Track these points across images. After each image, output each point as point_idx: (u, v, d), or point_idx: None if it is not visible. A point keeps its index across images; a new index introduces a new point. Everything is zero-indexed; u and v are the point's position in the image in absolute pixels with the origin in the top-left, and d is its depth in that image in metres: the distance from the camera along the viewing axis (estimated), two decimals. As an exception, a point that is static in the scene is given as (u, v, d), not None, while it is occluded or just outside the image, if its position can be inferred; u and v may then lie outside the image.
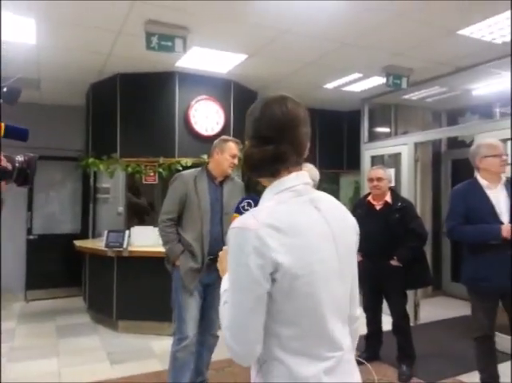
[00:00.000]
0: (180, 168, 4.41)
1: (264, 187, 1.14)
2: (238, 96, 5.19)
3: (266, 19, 3.34)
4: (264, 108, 1.11)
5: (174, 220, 2.84)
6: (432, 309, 5.30)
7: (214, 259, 2.78)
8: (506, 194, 2.86)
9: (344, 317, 1.11)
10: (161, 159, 4.69)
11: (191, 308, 2.78)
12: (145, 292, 4.37)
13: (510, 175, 3.08)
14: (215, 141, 2.94)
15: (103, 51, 4.11)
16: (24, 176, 1.31)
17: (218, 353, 3.57)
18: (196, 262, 2.77)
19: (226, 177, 2.93)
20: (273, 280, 0.98)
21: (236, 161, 2.85)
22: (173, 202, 2.84)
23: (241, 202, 1.30)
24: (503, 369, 3.08)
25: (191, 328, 2.77)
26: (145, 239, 4.50)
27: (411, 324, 3.81)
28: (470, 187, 2.98)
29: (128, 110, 4.86)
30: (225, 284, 1.11)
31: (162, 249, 2.97)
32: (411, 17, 3.29)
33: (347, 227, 1.15)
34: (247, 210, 1.25)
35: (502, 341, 3.18)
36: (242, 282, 0.99)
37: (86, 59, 4.33)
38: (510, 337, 3.11)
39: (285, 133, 1.08)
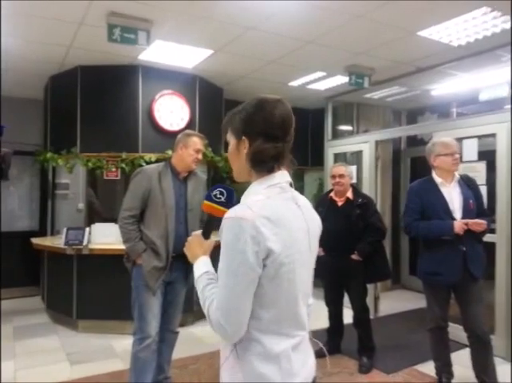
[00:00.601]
0: (144, 164, 4.33)
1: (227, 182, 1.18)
2: (203, 92, 5.15)
3: (232, 15, 3.33)
4: (267, 107, 1.17)
5: (136, 217, 2.75)
6: (391, 302, 5.48)
7: (177, 257, 2.75)
8: (459, 191, 2.97)
9: (306, 303, 1.25)
10: (123, 155, 4.58)
11: (153, 307, 2.72)
12: (106, 290, 4.28)
13: (464, 173, 3.24)
14: (179, 136, 2.87)
15: (63, 43, 3.97)
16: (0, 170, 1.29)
17: (183, 351, 3.57)
18: (160, 261, 2.71)
19: (190, 172, 2.88)
20: (264, 266, 1.10)
21: (200, 156, 2.81)
22: (135, 198, 2.74)
23: (212, 190, 1.33)
24: (456, 357, 3.24)
25: (153, 327, 2.72)
26: (106, 237, 4.39)
27: (371, 317, 3.93)
28: (425, 185, 3.09)
29: (89, 103, 4.72)
30: (201, 268, 1.24)
31: (124, 246, 2.90)
32: (372, 17, 3.37)
33: (316, 224, 1.29)
34: (219, 198, 1.31)
35: (454, 330, 3.33)
36: (237, 268, 1.08)
37: (45, 51, 4.17)
38: (462, 327, 3.26)
39: (288, 133, 1.20)
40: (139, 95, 4.71)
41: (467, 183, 3.01)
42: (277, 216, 1.11)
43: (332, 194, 3.72)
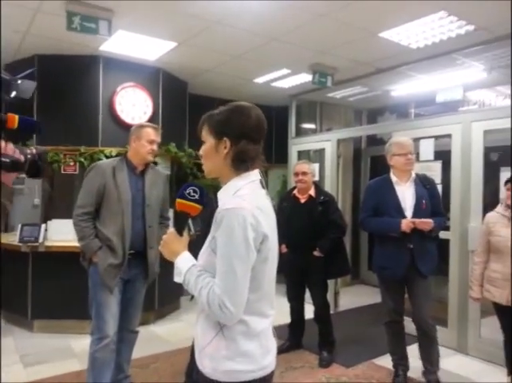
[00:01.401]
0: (104, 158, 4.20)
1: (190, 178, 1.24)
2: (167, 85, 5.06)
3: (197, 8, 3.29)
4: (248, 112, 1.33)
5: (90, 214, 2.65)
6: (351, 297, 5.61)
7: (135, 254, 2.71)
8: (413, 190, 3.07)
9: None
10: (82, 148, 4.44)
11: (111, 306, 2.64)
12: (63, 289, 4.13)
13: (422, 173, 3.36)
14: (132, 128, 2.79)
15: (19, 29, 3.78)
16: (36, 168, 1.34)
17: (144, 350, 3.51)
18: (116, 258, 2.63)
19: (147, 166, 2.80)
20: (259, 250, 1.25)
21: (155, 147, 2.73)
22: (89, 194, 2.65)
23: (185, 188, 1.37)
24: (412, 350, 3.37)
25: (111, 326, 2.64)
26: (64, 234, 4.22)
27: (332, 312, 4.01)
28: (381, 183, 3.19)
29: (46, 94, 4.51)
30: (187, 262, 1.32)
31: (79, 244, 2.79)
32: (335, 17, 3.42)
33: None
34: (193, 196, 1.36)
35: (411, 324, 3.46)
36: (241, 253, 1.21)
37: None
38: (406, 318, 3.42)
39: (263, 135, 1.36)
40: (99, 87, 4.57)
41: (424, 183, 3.10)
42: (264, 207, 1.30)
43: (295, 191, 3.75)
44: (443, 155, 4.15)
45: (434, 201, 3.09)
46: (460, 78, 4.61)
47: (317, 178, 5.29)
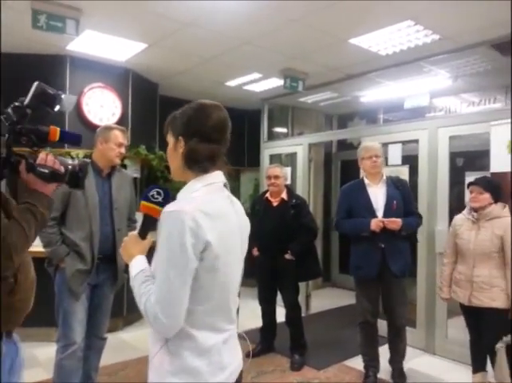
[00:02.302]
0: (70, 161, 4.07)
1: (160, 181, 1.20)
2: (137, 87, 4.98)
3: (168, 9, 3.25)
4: (209, 111, 1.27)
5: (55, 219, 2.55)
6: (322, 300, 5.66)
7: (104, 259, 2.64)
8: (384, 191, 3.18)
9: (235, 298, 1.31)
10: (48, 150, 4.28)
11: (78, 312, 2.57)
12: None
13: (396, 175, 3.47)
14: (98, 129, 2.73)
15: (-21, 25, 3.62)
16: (76, 179, 1.40)
17: (112, 357, 3.42)
18: (84, 264, 2.56)
19: (114, 169, 2.74)
20: (201, 259, 1.14)
21: (123, 150, 2.68)
22: (54, 199, 2.57)
23: (149, 191, 1.34)
24: (383, 352, 3.43)
25: (79, 333, 2.57)
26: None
27: (303, 314, 4.03)
28: (355, 186, 3.31)
29: (10, 93, 4.34)
30: (137, 266, 1.25)
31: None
32: (306, 23, 3.46)
33: (246, 224, 1.37)
34: (157, 198, 1.32)
35: (384, 326, 3.54)
36: (176, 259, 1.12)
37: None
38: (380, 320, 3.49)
39: (223, 136, 1.28)
40: (66, 87, 4.44)
41: (396, 184, 3.21)
42: (214, 211, 1.19)
43: (267, 194, 3.76)
44: (411, 160, 4.26)
45: (406, 202, 3.19)
46: (427, 85, 4.75)
47: (288, 181, 5.32)
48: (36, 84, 1.36)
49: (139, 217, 3.16)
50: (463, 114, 4.70)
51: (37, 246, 3.84)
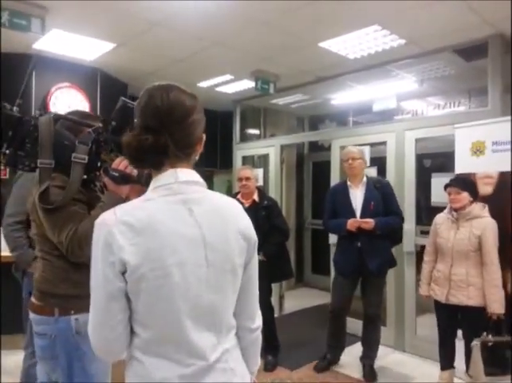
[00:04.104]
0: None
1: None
2: (105, 87, 4.88)
3: (136, 8, 3.20)
4: (146, 96, 1.04)
5: (22, 223, 2.49)
6: (295, 300, 5.69)
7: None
8: (363, 192, 3.35)
9: (217, 328, 1.06)
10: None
11: None
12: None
13: (377, 176, 3.60)
14: None
15: None
16: (149, 181, 1.39)
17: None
18: None
19: None
20: (125, 280, 0.97)
21: None
22: (20, 202, 2.46)
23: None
24: (354, 349, 3.49)
25: None
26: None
27: (276, 315, 4.04)
28: (339, 187, 3.54)
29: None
30: None
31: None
32: (275, 25, 3.48)
33: (227, 233, 1.07)
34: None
35: (353, 325, 3.63)
36: (96, 279, 0.99)
37: None
38: (360, 321, 3.58)
39: (166, 123, 1.01)
40: (32, 87, 4.31)
41: (376, 186, 3.37)
42: (144, 222, 0.97)
43: (239, 196, 3.76)
44: (379, 162, 4.35)
45: (386, 202, 3.34)
46: (394, 88, 4.86)
47: (261, 183, 5.34)
48: (120, 99, 1.56)
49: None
50: (429, 117, 4.83)
51: (4, 251, 3.75)
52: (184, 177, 1.04)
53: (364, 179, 3.40)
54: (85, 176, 1.57)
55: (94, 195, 1.67)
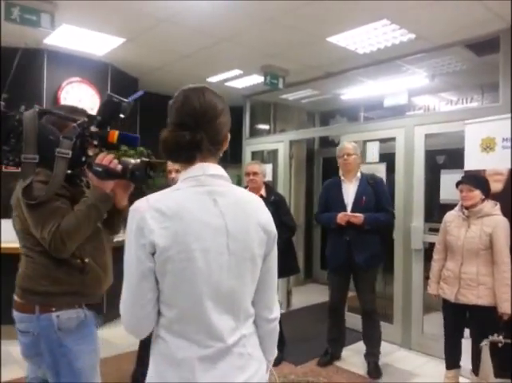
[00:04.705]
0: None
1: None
2: (116, 82, 4.93)
3: (144, 4, 3.22)
4: (183, 96, 1.14)
5: None
6: (303, 296, 5.70)
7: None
8: (355, 187, 3.39)
9: (236, 313, 1.13)
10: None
11: None
12: (3, 292, 3.91)
13: (371, 172, 3.59)
14: None
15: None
16: (134, 177, 1.57)
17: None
18: None
19: None
20: (155, 261, 1.06)
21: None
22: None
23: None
24: (358, 347, 3.48)
25: None
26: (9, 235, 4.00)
27: (284, 311, 4.06)
28: (333, 182, 3.58)
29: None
30: None
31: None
32: (283, 21, 3.47)
33: (248, 224, 1.14)
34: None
35: (356, 321, 3.62)
36: (130, 259, 1.08)
37: None
38: (359, 316, 3.59)
39: (201, 122, 1.11)
40: (43, 81, 4.38)
41: (370, 182, 3.40)
42: (173, 209, 1.06)
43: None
44: (389, 158, 4.31)
45: (378, 198, 3.37)
46: (405, 84, 4.80)
47: (270, 178, 5.35)
48: (107, 94, 1.58)
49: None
50: (439, 113, 4.76)
51: (10, 242, 3.82)
52: (211, 171, 1.13)
53: (358, 174, 3.46)
54: (70, 171, 1.55)
55: (79, 191, 1.66)
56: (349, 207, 3.37)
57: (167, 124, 1.16)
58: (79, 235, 1.55)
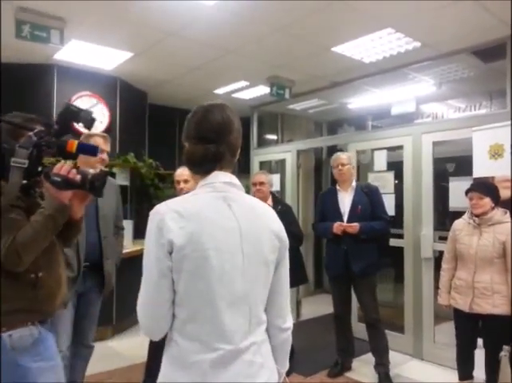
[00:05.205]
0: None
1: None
2: (125, 96, 5.01)
3: (150, 19, 3.29)
4: (204, 111, 1.22)
5: None
6: (313, 307, 5.64)
7: (90, 266, 2.64)
8: (351, 197, 3.44)
9: (249, 317, 1.15)
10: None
11: (64, 320, 2.55)
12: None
13: (366, 182, 3.61)
14: (80, 138, 2.77)
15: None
16: (93, 187, 1.55)
17: (99, 366, 3.40)
18: (71, 271, 2.54)
19: None
20: (172, 260, 1.09)
21: (105, 156, 2.70)
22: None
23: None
24: (369, 357, 3.43)
25: (64, 341, 2.55)
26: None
27: (294, 321, 4.00)
28: (328, 192, 3.67)
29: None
30: None
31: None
32: (288, 32, 3.50)
33: (260, 229, 1.19)
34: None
35: (363, 330, 3.59)
36: (149, 259, 1.12)
37: None
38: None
39: (223, 136, 1.20)
40: (53, 96, 4.46)
41: (364, 191, 3.44)
42: (190, 211, 1.12)
43: (253, 201, 3.78)
44: (397, 166, 4.29)
45: (374, 207, 3.41)
46: (413, 92, 4.80)
47: (277, 188, 5.35)
48: (65, 102, 1.55)
49: (125, 224, 3.19)
50: (447, 120, 4.73)
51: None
52: (226, 179, 1.20)
53: (354, 184, 3.50)
54: (25, 181, 1.49)
55: (34, 202, 1.60)
56: (345, 216, 3.40)
57: (185, 138, 1.24)
58: (35, 248, 1.51)
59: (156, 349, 1.25)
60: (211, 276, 1.09)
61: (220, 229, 1.13)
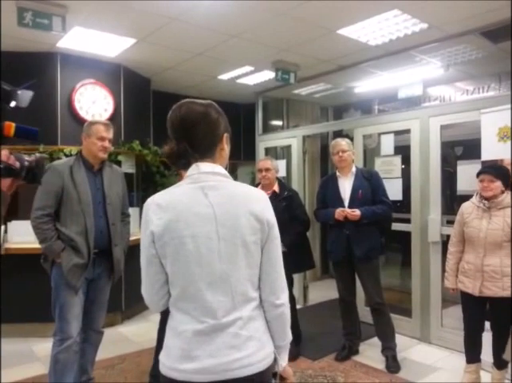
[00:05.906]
0: (63, 157, 4.09)
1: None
2: (128, 82, 4.98)
3: (153, 4, 3.24)
4: (171, 111, 1.30)
5: (50, 215, 2.58)
6: (320, 292, 5.66)
7: (99, 253, 2.68)
8: (352, 182, 3.45)
9: (231, 295, 1.23)
10: (41, 147, 4.30)
11: (75, 306, 2.61)
12: (25, 292, 4.01)
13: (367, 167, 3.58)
14: (84, 125, 2.76)
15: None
16: (32, 175, 1.39)
17: (109, 351, 3.46)
18: (81, 258, 2.59)
19: (103, 164, 2.77)
20: (155, 247, 1.25)
21: (107, 144, 2.69)
22: (48, 196, 2.58)
23: None
24: (376, 341, 3.45)
25: (74, 327, 2.61)
26: (24, 235, 4.10)
27: (301, 306, 4.05)
28: (329, 178, 3.67)
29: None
30: None
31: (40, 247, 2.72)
32: (293, 15, 3.44)
33: (237, 213, 1.24)
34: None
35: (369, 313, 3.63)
36: (141, 247, 1.29)
37: None
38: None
39: (181, 132, 1.26)
40: (57, 84, 4.45)
41: (364, 176, 3.46)
42: (168, 202, 1.25)
43: (259, 187, 3.77)
44: (404, 150, 4.25)
45: (375, 191, 3.42)
46: (420, 75, 4.72)
47: (284, 174, 5.33)
48: None
49: (132, 212, 3.20)
50: (454, 103, 4.67)
51: (32, 243, 3.91)
52: (205, 169, 1.27)
53: (354, 169, 3.50)
54: None
55: None
56: (347, 202, 3.42)
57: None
58: None
59: (163, 334, 1.29)
60: (190, 259, 1.21)
61: (195, 216, 1.22)
